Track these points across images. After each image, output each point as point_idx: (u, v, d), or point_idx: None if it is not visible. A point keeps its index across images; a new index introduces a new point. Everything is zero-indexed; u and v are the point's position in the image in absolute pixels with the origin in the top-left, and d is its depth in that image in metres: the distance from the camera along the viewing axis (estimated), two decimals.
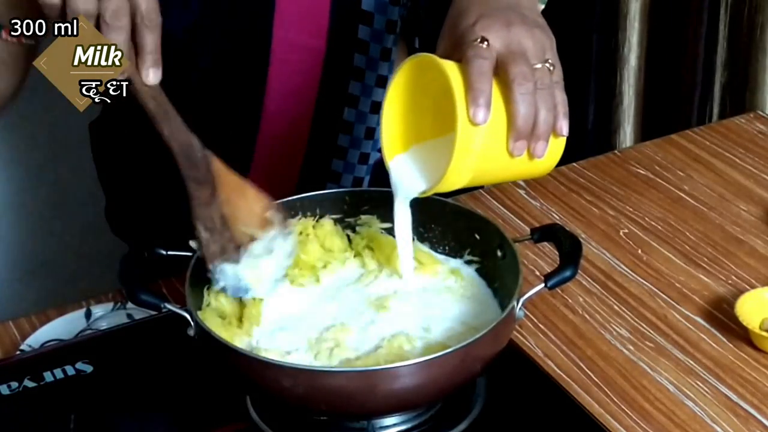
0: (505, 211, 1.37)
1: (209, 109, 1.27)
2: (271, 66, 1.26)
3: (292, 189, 1.31)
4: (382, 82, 1.31)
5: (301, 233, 1.07)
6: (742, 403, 1.06)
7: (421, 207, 1.08)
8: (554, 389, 1.06)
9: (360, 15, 1.27)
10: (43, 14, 0.95)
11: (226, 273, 0.99)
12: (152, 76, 0.95)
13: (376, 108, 1.32)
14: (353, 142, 1.34)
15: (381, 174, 1.23)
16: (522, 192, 1.41)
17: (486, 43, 0.95)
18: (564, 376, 1.09)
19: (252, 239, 1.01)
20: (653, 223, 1.34)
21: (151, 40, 0.94)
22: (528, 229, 1.07)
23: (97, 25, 0.92)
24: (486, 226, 1.05)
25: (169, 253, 1.01)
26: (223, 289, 0.99)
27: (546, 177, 1.43)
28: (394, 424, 0.98)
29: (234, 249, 1.00)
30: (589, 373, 1.10)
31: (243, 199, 1.01)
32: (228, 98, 1.28)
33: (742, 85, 1.85)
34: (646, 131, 1.95)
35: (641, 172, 1.45)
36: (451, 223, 1.08)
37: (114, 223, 1.51)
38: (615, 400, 1.06)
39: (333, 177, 1.35)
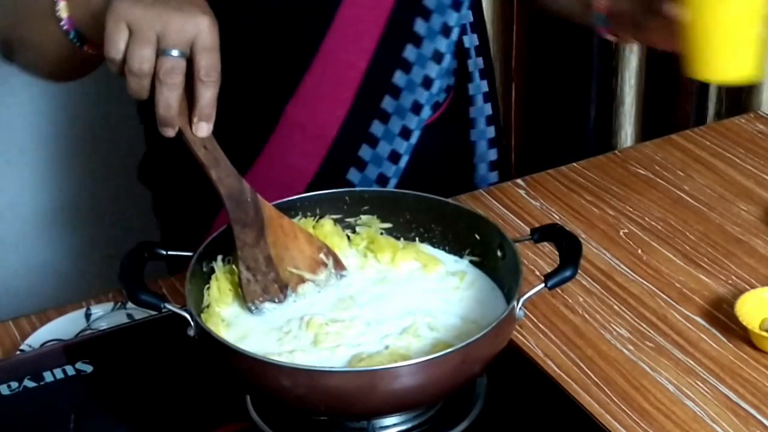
0: (505, 211, 1.37)
1: (241, 83, 1.28)
2: (312, 67, 1.27)
3: (307, 180, 1.32)
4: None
5: None
6: (742, 403, 1.06)
7: (421, 207, 1.09)
8: (554, 389, 1.06)
9: (411, 35, 1.29)
10: None
11: (264, 312, 1.01)
12: (204, 130, 0.98)
13: (406, 134, 1.33)
14: (375, 157, 1.34)
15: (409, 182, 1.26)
16: (522, 192, 1.41)
17: None
18: (564, 376, 1.09)
19: (302, 280, 1.03)
20: (653, 223, 1.34)
21: (207, 97, 0.97)
22: (528, 229, 1.07)
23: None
24: (486, 226, 1.05)
25: (169, 253, 1.01)
26: None
27: (546, 177, 1.44)
28: (394, 424, 0.98)
29: (278, 289, 1.02)
30: (589, 373, 1.10)
31: (294, 241, 1.04)
32: (264, 79, 1.30)
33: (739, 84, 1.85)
34: (646, 131, 1.95)
35: (641, 172, 1.45)
36: (451, 223, 1.08)
37: (146, 174, 1.54)
38: (615, 400, 1.06)
39: (359, 164, 1.36)
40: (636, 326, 1.16)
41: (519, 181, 1.44)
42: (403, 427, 0.98)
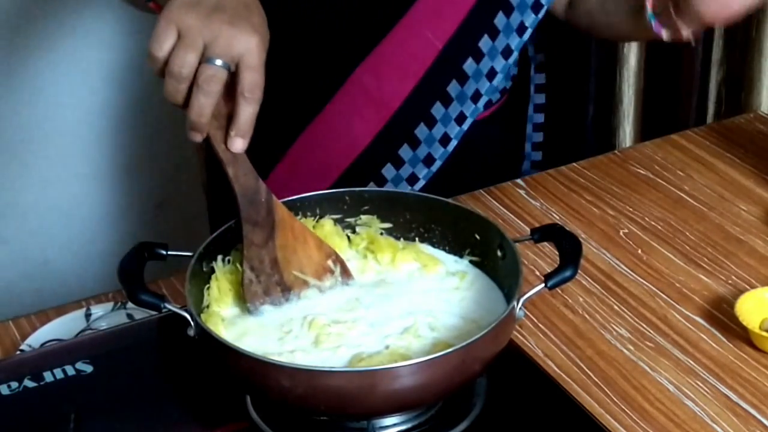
0: (505, 211, 1.37)
1: (315, 38, 1.30)
2: (391, 35, 1.30)
3: (360, 149, 1.35)
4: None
5: None
6: (742, 403, 1.06)
7: (421, 207, 1.09)
8: (554, 389, 1.06)
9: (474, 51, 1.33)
10: None
11: (263, 313, 1.01)
12: (238, 145, 0.99)
13: (461, 119, 1.36)
14: (428, 138, 1.36)
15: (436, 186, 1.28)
16: (522, 192, 1.41)
17: None
18: (564, 376, 1.09)
19: (306, 285, 1.03)
20: (653, 223, 1.34)
21: (247, 113, 0.97)
22: (528, 229, 1.07)
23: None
24: (486, 226, 1.05)
25: (169, 253, 1.01)
26: None
27: (546, 177, 1.44)
28: (394, 424, 0.98)
29: (280, 292, 1.02)
30: (589, 373, 1.10)
31: (303, 246, 1.04)
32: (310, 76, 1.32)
33: (738, 84, 1.84)
34: (646, 131, 1.95)
35: (641, 172, 1.45)
36: (451, 223, 1.08)
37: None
38: (615, 400, 1.06)
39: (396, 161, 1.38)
40: (636, 326, 1.16)
41: (519, 181, 1.44)
42: (403, 427, 0.98)
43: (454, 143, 1.37)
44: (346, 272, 1.05)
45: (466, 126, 1.36)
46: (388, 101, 1.33)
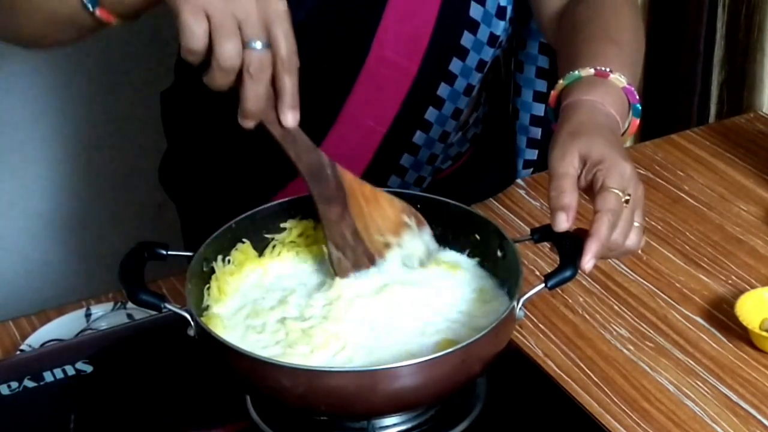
0: (505, 211, 1.37)
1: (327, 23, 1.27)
2: (360, 76, 1.28)
3: (392, 116, 1.32)
4: (457, 114, 1.34)
5: (301, 234, 1.07)
6: (742, 403, 1.06)
7: (421, 207, 1.08)
8: (554, 389, 1.06)
9: (456, 49, 1.29)
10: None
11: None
12: (291, 118, 0.96)
13: (445, 137, 1.35)
14: (415, 164, 1.36)
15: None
16: (522, 192, 1.41)
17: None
18: (564, 376, 1.09)
19: (387, 246, 1.02)
20: (653, 223, 1.34)
21: (290, 84, 0.94)
22: (528, 229, 1.07)
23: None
24: (486, 226, 1.05)
25: (169, 253, 1.01)
26: None
27: (546, 177, 1.43)
28: (394, 424, 0.98)
29: (368, 261, 1.01)
30: (589, 373, 1.10)
31: (377, 208, 1.02)
32: (311, 97, 1.30)
33: (740, 84, 1.85)
34: (646, 131, 1.95)
35: (641, 172, 1.45)
36: (452, 223, 1.08)
37: (170, 182, 1.53)
38: (615, 400, 1.06)
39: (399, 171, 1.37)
40: (636, 326, 1.16)
41: (519, 181, 1.44)
42: (403, 427, 0.98)
43: (441, 157, 1.37)
44: (420, 222, 1.04)
45: (463, 105, 1.35)
46: (408, 67, 1.30)
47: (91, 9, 1.01)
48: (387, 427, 0.97)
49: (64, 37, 1.11)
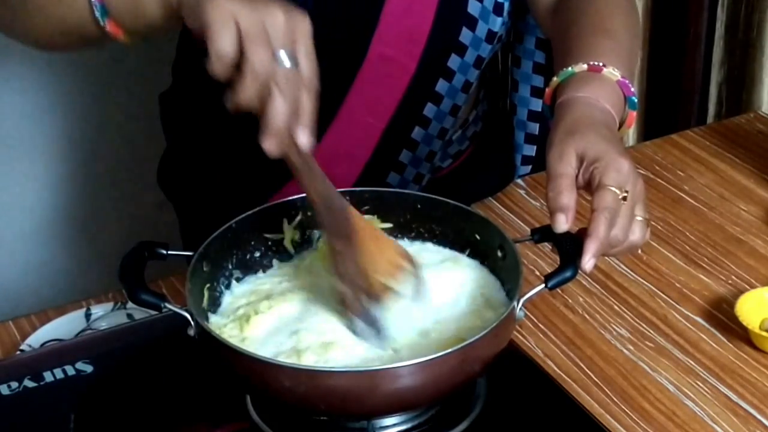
0: (505, 211, 1.37)
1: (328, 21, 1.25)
2: (359, 73, 1.28)
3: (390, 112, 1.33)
4: (455, 111, 1.34)
5: (293, 240, 1.08)
6: (742, 403, 1.06)
7: (421, 207, 1.09)
8: (554, 389, 1.06)
9: (455, 45, 1.29)
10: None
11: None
12: (306, 139, 0.93)
13: (443, 133, 1.35)
14: (414, 160, 1.36)
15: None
16: (522, 192, 1.41)
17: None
18: (564, 376, 1.09)
19: (388, 290, 0.99)
20: (653, 223, 1.34)
21: (309, 104, 0.93)
22: (528, 229, 1.07)
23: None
24: (486, 226, 1.05)
25: (169, 253, 1.01)
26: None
27: (546, 177, 1.43)
28: (394, 424, 0.98)
29: (368, 298, 0.98)
30: (589, 373, 1.10)
31: (377, 247, 1.01)
32: None
33: (740, 84, 1.85)
34: (646, 131, 1.95)
35: (641, 172, 1.44)
36: (452, 223, 1.08)
37: (168, 183, 1.52)
38: (615, 400, 1.06)
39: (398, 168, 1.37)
40: (636, 326, 1.16)
41: (519, 181, 1.44)
42: (403, 427, 0.98)
43: (440, 154, 1.37)
44: (415, 265, 1.02)
45: (461, 101, 1.35)
46: (406, 66, 1.30)
47: (101, 23, 1.02)
48: (387, 427, 0.97)
49: (72, 44, 1.11)
